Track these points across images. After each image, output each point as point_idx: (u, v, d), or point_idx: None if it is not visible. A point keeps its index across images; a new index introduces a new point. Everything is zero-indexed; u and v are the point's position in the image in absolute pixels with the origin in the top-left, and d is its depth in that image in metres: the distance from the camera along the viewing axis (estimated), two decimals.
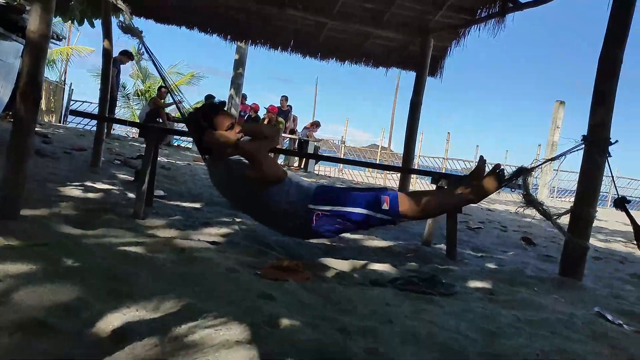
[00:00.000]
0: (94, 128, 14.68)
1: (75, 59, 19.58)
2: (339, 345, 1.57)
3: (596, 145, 3.09)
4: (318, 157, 8.72)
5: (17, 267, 1.78)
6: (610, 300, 2.87)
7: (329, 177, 13.64)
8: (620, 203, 2.92)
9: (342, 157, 22.05)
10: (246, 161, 2.82)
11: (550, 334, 2.07)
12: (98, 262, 2.03)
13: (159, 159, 4.50)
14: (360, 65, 6.33)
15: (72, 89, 16.47)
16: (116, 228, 2.80)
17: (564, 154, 3.24)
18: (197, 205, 4.18)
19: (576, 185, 3.34)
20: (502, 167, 3.15)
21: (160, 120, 10.74)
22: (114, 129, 12.27)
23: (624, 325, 2.38)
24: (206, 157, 3.01)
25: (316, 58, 6.26)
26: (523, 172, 3.21)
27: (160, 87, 11.68)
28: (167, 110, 11.77)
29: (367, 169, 19.21)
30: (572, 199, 3.43)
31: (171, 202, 4.08)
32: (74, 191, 3.73)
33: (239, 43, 9.10)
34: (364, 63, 6.32)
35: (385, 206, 2.84)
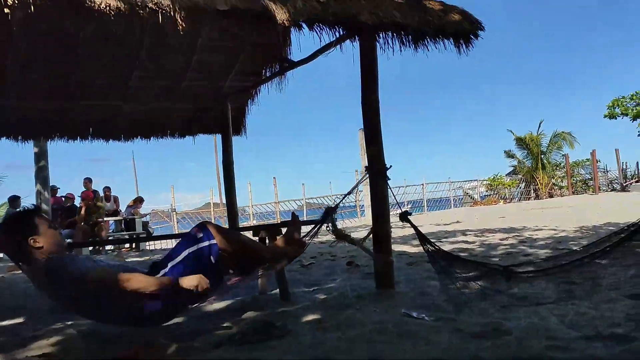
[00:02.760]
0: None
1: None
2: None
3: (377, 174, 3.68)
4: (150, 238, 8.63)
5: None
6: (417, 299, 3.41)
7: (164, 249, 13.28)
8: (404, 217, 3.50)
9: (175, 224, 21.57)
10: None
11: (368, 343, 2.46)
12: None
13: None
14: (167, 138, 6.48)
15: None
16: None
17: (356, 185, 3.80)
18: (20, 319, 3.92)
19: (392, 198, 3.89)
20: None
21: None
22: None
23: (426, 318, 2.88)
24: (23, 266, 2.87)
25: (120, 140, 6.26)
26: (330, 212, 3.69)
27: None
28: None
29: None
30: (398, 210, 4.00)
31: None
32: None
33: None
34: (170, 136, 6.49)
35: (199, 234, 2.97)
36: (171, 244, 18.15)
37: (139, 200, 13.23)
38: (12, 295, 5.27)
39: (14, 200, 10.88)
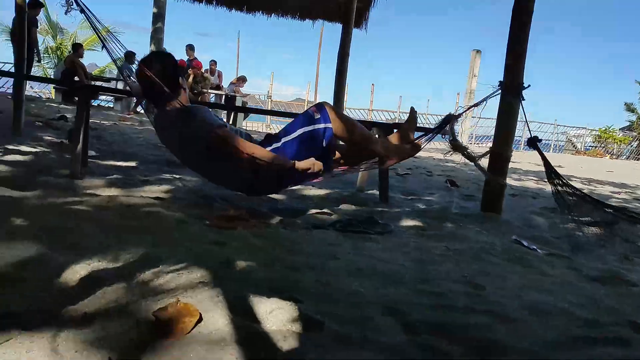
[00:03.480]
0: (2, 89, 13.76)
1: None
2: (292, 279, 1.72)
3: (511, 90, 3.37)
4: (247, 110, 8.68)
5: None
6: (525, 230, 3.22)
7: (258, 132, 13.62)
8: (533, 142, 3.22)
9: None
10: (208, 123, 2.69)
11: (475, 259, 2.34)
12: (47, 219, 2.05)
13: None
14: (287, 18, 6.32)
15: None
16: (55, 189, 2.78)
17: (484, 100, 3.49)
18: (132, 164, 4.15)
19: (491, 130, 3.63)
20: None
21: (78, 80, 10.22)
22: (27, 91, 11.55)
23: (537, 250, 2.71)
24: (153, 110, 2.93)
25: (242, 11, 6.17)
26: (450, 119, 3.46)
27: (77, 44, 11.04)
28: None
29: None
30: (489, 145, 3.74)
31: (105, 162, 4.03)
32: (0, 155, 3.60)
33: None
34: (290, 16, 6.32)
35: (317, 115, 2.89)
36: (262, 128, 18.65)
37: (242, 79, 13.41)
38: (124, 142, 5.60)
39: (130, 55, 11.30)
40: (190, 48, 12.38)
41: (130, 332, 1.23)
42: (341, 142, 3.07)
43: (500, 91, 3.43)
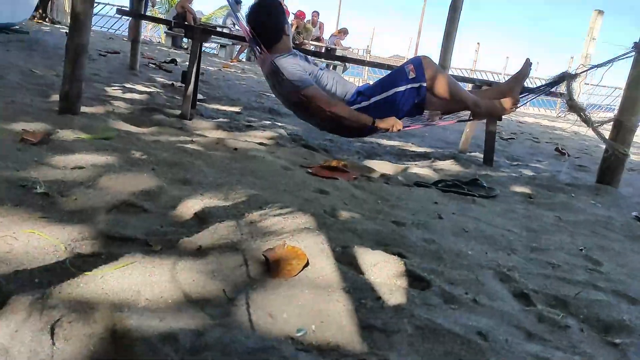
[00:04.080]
0: (118, 32, 14.56)
1: None
2: (397, 234, 1.68)
3: None
4: (345, 60, 8.60)
5: (93, 156, 1.91)
6: None
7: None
8: None
9: (366, 67, 21.66)
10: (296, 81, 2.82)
11: (591, 233, 2.18)
12: (163, 155, 2.15)
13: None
14: None
15: None
16: (168, 127, 2.91)
17: (612, 60, 3.17)
18: (237, 109, 4.26)
19: (605, 100, 3.31)
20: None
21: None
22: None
23: None
24: (257, 55, 3.02)
25: None
26: (567, 78, 3.19)
27: None
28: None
29: None
30: (602, 114, 3.43)
31: (211, 106, 4.16)
32: (119, 92, 3.82)
33: None
34: None
35: (412, 73, 2.89)
36: (360, 83, 18.46)
37: (343, 32, 13.24)
38: (229, 87, 5.75)
39: (238, 3, 11.47)
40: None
41: (241, 268, 1.26)
42: (433, 99, 3.00)
43: (633, 53, 3.10)
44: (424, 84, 2.89)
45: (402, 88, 2.89)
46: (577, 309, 1.34)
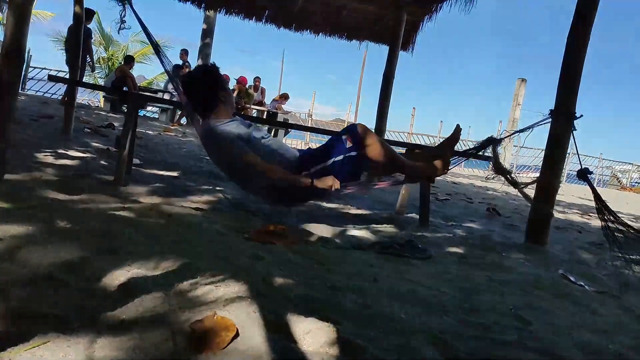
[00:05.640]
0: (55, 96, 14.29)
1: (33, 24, 18.77)
2: (332, 300, 1.67)
3: (564, 117, 3.26)
4: (288, 125, 8.77)
5: (13, 227, 1.81)
6: (572, 265, 3.07)
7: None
8: (584, 175, 3.10)
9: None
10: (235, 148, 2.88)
11: (521, 291, 2.24)
12: (91, 224, 2.07)
13: None
14: (334, 37, 6.35)
15: (31, 55, 15.92)
16: (99, 194, 2.82)
17: (532, 126, 3.40)
18: (175, 174, 4.20)
19: (533, 160, 3.53)
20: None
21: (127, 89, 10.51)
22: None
23: (585, 286, 2.58)
24: (197, 121, 3.04)
25: (290, 29, 6.24)
26: (492, 142, 3.38)
27: (129, 56, 11.40)
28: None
29: None
30: (530, 175, 3.62)
31: (148, 171, 4.08)
32: (49, 158, 3.69)
33: (209, 12, 8.93)
34: (337, 35, 6.35)
35: (349, 143, 3.00)
36: (302, 145, 18.77)
37: (284, 97, 13.56)
38: (168, 152, 5.69)
39: (178, 68, 11.58)
40: (184, 53, 12.58)
41: (166, 343, 1.20)
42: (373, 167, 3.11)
43: (550, 119, 3.33)
44: (361, 152, 2.99)
45: (339, 157, 3.00)
46: None
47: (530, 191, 3.53)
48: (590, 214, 7.44)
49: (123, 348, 1.14)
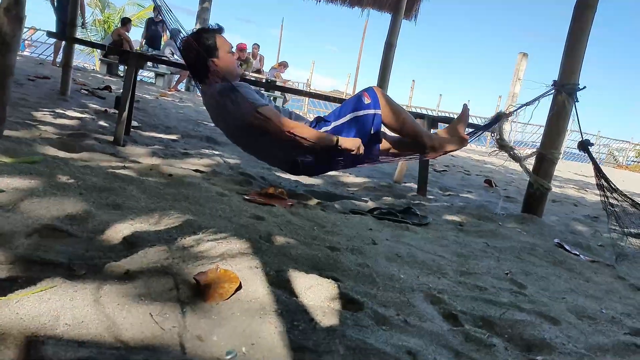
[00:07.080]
0: (50, 58, 14.10)
1: None
2: (332, 259, 1.69)
3: (565, 90, 3.25)
4: (286, 91, 8.68)
5: (15, 180, 1.81)
6: (567, 235, 3.11)
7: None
8: (584, 146, 3.11)
9: (306, 101, 21.95)
10: (246, 103, 2.63)
11: (516, 258, 2.27)
12: (92, 180, 2.07)
13: None
14: (337, 4, 6.26)
15: (26, 16, 15.62)
16: (99, 153, 2.82)
17: (537, 99, 3.38)
18: (173, 137, 4.19)
19: (530, 137, 3.51)
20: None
21: None
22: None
23: (580, 255, 2.62)
24: (200, 85, 2.89)
25: None
26: (501, 117, 3.36)
27: (126, 18, 11.21)
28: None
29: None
30: (528, 150, 3.62)
31: (146, 133, 4.07)
32: (47, 117, 3.67)
33: None
34: (340, 2, 6.26)
35: (367, 100, 2.80)
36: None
37: (283, 65, 13.40)
38: (166, 116, 5.65)
39: (175, 32, 11.39)
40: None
41: (171, 292, 1.22)
42: (389, 131, 3.00)
43: (553, 91, 3.32)
44: (379, 112, 2.82)
45: (359, 113, 2.80)
46: (502, 329, 1.39)
47: (530, 165, 3.54)
48: (587, 189, 7.50)
49: (128, 295, 1.16)
